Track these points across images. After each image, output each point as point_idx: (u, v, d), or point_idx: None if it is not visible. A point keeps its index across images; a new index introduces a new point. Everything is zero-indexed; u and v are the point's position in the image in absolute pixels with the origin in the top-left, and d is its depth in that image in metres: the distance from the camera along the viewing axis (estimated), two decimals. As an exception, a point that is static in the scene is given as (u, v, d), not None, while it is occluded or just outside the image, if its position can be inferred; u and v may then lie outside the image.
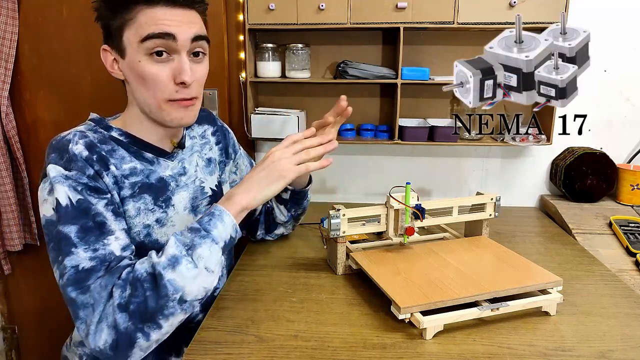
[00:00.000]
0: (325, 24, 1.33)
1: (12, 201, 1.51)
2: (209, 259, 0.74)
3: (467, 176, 1.57)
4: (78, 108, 1.53)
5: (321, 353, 0.72)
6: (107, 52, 0.83)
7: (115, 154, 0.82)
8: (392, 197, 0.96)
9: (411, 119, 1.48)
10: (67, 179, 0.75)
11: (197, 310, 0.92)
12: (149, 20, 0.76)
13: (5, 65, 1.46)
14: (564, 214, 1.34)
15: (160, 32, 0.76)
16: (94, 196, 0.76)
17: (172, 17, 0.78)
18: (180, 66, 0.79)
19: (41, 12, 1.48)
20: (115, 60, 0.82)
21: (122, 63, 0.81)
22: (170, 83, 0.80)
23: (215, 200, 0.96)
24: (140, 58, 0.78)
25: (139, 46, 0.77)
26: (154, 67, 0.79)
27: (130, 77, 0.81)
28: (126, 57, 0.80)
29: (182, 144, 0.93)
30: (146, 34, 0.76)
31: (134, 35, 0.77)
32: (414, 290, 0.82)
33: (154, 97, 0.81)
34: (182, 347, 0.91)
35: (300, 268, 1.03)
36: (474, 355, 0.71)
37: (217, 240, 0.75)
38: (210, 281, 0.75)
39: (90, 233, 0.74)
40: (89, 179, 0.76)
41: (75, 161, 0.76)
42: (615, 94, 1.46)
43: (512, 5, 1.27)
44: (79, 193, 0.75)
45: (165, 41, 0.77)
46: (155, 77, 0.79)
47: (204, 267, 0.73)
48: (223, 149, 1.05)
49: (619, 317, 0.82)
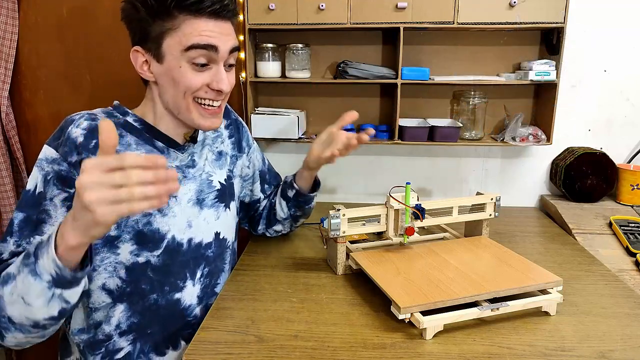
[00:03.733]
0: (325, 24, 1.33)
1: (12, 201, 1.51)
2: (22, 289, 0.66)
3: (467, 176, 1.57)
4: (78, 108, 1.52)
5: (321, 353, 0.72)
6: (138, 54, 0.83)
7: (122, 141, 0.84)
8: (392, 197, 0.96)
9: (411, 119, 1.48)
10: (48, 164, 0.79)
11: (194, 303, 0.92)
12: (194, 30, 0.78)
13: (5, 65, 1.46)
14: (564, 214, 1.34)
15: (204, 44, 0.79)
16: (57, 187, 0.79)
17: (214, 29, 0.80)
18: (218, 75, 0.83)
19: (41, 12, 1.48)
20: (146, 62, 0.83)
21: (157, 67, 0.82)
22: (204, 86, 0.83)
23: (223, 195, 0.98)
24: (181, 64, 0.80)
25: (182, 54, 0.80)
26: (194, 75, 0.81)
27: (165, 80, 0.83)
28: (164, 63, 0.81)
29: (195, 138, 0.95)
30: (190, 43, 0.79)
31: (177, 43, 0.79)
32: (414, 290, 0.82)
33: (183, 99, 0.83)
34: (180, 341, 0.92)
35: (300, 268, 1.03)
36: (474, 355, 0.71)
37: (38, 271, 0.64)
38: (30, 313, 0.67)
39: (29, 226, 0.78)
40: (67, 166, 0.78)
41: (64, 145, 0.79)
42: (615, 94, 1.46)
43: (512, 5, 1.27)
44: (45, 184, 0.79)
45: (208, 52, 0.80)
46: (192, 82, 0.82)
47: (20, 295, 0.66)
48: (236, 142, 1.06)
49: (619, 317, 0.82)
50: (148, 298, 0.87)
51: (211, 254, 0.95)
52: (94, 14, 1.48)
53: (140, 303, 0.87)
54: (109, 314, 0.86)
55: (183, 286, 0.90)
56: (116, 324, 0.86)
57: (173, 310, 0.89)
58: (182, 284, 0.90)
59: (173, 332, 0.90)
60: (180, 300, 0.90)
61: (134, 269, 0.85)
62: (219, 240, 0.97)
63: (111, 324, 0.86)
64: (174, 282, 0.89)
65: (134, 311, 0.87)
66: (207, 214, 0.94)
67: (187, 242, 0.90)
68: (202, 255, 0.93)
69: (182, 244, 0.90)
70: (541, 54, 1.44)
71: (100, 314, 0.86)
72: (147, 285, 0.87)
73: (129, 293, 0.86)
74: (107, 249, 0.83)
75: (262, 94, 1.55)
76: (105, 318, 0.86)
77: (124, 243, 0.84)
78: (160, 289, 0.88)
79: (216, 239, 0.96)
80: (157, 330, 0.89)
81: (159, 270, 0.87)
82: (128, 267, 0.85)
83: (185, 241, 0.90)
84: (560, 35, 1.31)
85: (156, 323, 0.88)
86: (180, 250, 0.89)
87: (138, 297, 0.87)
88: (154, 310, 0.88)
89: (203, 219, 0.93)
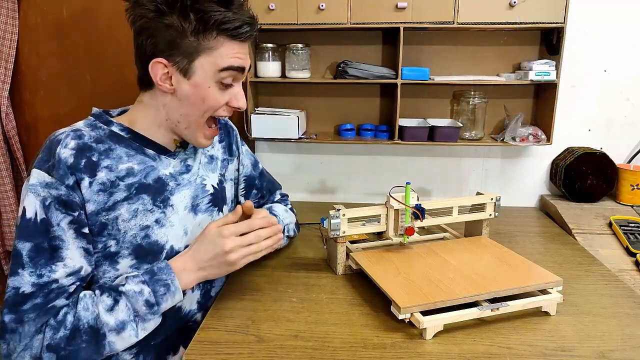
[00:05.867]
0: (325, 24, 1.33)
1: (12, 201, 1.51)
2: (150, 329, 0.79)
3: (467, 176, 1.57)
4: (78, 108, 1.53)
5: (321, 353, 0.72)
6: (160, 65, 0.80)
7: (112, 154, 0.81)
8: (392, 197, 0.96)
9: (411, 119, 1.48)
10: (45, 188, 0.75)
11: (194, 309, 0.91)
12: (230, 52, 0.80)
13: (5, 65, 1.46)
14: (564, 214, 1.34)
15: (237, 66, 0.82)
16: (61, 212, 0.76)
17: (244, 51, 0.83)
18: (239, 94, 0.86)
19: (41, 12, 1.48)
20: (168, 73, 0.81)
21: (182, 81, 0.81)
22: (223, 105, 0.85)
23: (216, 199, 0.96)
24: (210, 84, 0.81)
25: (215, 74, 0.80)
26: (220, 94, 0.83)
27: (188, 96, 0.82)
28: (192, 79, 0.81)
29: (186, 143, 0.93)
30: (226, 65, 0.80)
31: (211, 63, 0.80)
32: (414, 290, 0.82)
33: (202, 116, 0.84)
34: (179, 346, 0.91)
35: (300, 268, 1.03)
36: (474, 355, 0.71)
37: (161, 312, 0.79)
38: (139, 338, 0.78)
39: (42, 255, 0.75)
40: (65, 190, 0.76)
41: (58, 168, 0.76)
42: (615, 94, 1.46)
43: (512, 5, 1.27)
44: (46, 209, 0.75)
45: (237, 73, 0.83)
46: (217, 102, 0.83)
47: (144, 334, 0.78)
48: (226, 146, 1.05)
49: (619, 317, 0.82)
50: None
51: None
52: (94, 14, 1.48)
53: None
54: None
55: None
56: None
57: (175, 319, 0.88)
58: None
59: (174, 339, 0.90)
60: (182, 308, 0.89)
61: None
62: None
63: None
64: None
65: None
66: (202, 219, 0.92)
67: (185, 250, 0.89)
68: None
69: (180, 252, 0.87)
70: (541, 54, 1.44)
71: None
72: None
73: None
74: (108, 264, 0.82)
75: (262, 94, 1.55)
76: None
77: (124, 258, 0.82)
78: None
79: None
80: (160, 340, 0.88)
81: None
82: None
83: (183, 249, 0.88)
84: (560, 35, 1.31)
85: (159, 334, 0.86)
86: None
87: None
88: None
89: (198, 224, 0.91)
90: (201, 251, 0.81)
